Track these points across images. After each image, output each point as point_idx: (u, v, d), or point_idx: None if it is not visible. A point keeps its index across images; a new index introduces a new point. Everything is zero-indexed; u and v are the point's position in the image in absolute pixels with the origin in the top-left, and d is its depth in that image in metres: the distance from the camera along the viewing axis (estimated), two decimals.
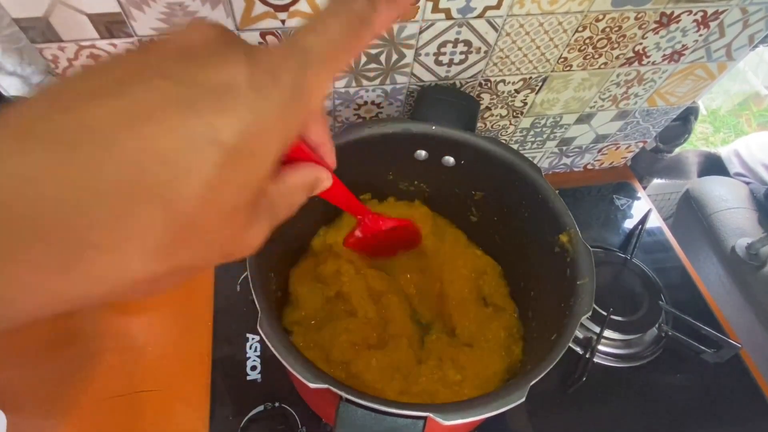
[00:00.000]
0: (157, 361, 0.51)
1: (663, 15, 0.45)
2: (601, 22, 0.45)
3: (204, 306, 0.55)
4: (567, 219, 0.40)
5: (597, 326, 0.54)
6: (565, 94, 0.54)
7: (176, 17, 0.37)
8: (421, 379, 0.41)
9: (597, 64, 0.50)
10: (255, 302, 0.33)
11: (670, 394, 0.53)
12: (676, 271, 0.63)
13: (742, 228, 0.79)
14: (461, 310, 0.46)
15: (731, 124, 1.71)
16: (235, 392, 0.49)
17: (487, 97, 0.52)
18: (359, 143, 0.43)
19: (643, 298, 0.57)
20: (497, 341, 0.45)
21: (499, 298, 0.49)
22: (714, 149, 0.98)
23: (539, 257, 0.44)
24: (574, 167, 0.71)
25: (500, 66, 0.48)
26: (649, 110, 0.60)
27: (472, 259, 0.50)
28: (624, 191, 0.70)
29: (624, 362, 0.54)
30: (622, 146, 0.67)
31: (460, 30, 0.43)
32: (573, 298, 0.37)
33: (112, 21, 0.37)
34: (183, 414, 0.48)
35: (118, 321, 0.54)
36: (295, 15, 0.39)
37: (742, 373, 0.55)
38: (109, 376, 0.50)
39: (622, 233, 0.66)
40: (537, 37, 0.45)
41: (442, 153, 0.46)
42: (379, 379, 0.41)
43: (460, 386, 0.41)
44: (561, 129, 0.60)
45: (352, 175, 0.48)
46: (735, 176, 0.90)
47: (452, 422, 0.29)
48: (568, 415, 0.51)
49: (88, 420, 0.48)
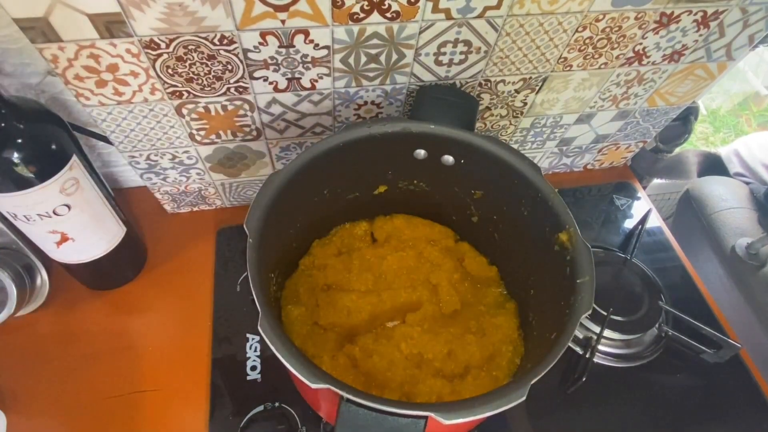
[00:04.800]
0: (157, 361, 0.51)
1: (663, 15, 0.45)
2: (601, 22, 0.45)
3: (204, 306, 0.55)
4: (566, 218, 0.40)
5: (597, 326, 0.54)
6: (565, 94, 0.54)
7: (176, 17, 0.37)
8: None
9: (597, 64, 0.50)
10: (255, 302, 0.33)
11: (669, 394, 0.53)
12: (676, 271, 0.63)
13: (742, 228, 0.79)
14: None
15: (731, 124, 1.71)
16: (235, 392, 0.49)
17: (487, 97, 0.52)
18: (359, 142, 0.43)
19: (643, 298, 0.57)
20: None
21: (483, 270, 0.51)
22: (714, 149, 0.98)
23: (539, 256, 0.44)
24: (574, 167, 0.71)
25: (500, 66, 0.48)
26: (649, 110, 0.60)
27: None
28: (624, 191, 0.70)
29: (624, 362, 0.54)
30: (622, 146, 0.67)
31: (460, 30, 0.43)
32: (573, 296, 0.37)
33: (112, 21, 0.37)
34: (183, 414, 0.48)
35: (117, 321, 0.54)
36: (296, 15, 0.39)
37: (741, 373, 0.55)
38: (108, 375, 0.50)
39: (622, 233, 0.66)
40: (537, 37, 0.45)
41: (441, 152, 0.46)
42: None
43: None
44: (561, 129, 0.60)
45: (351, 174, 0.48)
46: (735, 176, 0.90)
47: (453, 421, 0.29)
48: (567, 415, 0.51)
49: (88, 419, 0.48)
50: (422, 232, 0.54)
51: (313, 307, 0.47)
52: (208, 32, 0.39)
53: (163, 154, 0.52)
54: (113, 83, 0.42)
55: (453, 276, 0.50)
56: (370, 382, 0.43)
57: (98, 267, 0.51)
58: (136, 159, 0.52)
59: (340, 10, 0.39)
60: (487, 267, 0.52)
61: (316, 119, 0.51)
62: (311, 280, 0.49)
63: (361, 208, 0.53)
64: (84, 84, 0.41)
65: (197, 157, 0.53)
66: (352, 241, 0.53)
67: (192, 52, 0.40)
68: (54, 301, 0.54)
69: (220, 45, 0.40)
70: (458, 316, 0.49)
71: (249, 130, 0.50)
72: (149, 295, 0.56)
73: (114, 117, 0.46)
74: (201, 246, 0.60)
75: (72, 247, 0.47)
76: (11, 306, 0.48)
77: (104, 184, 0.48)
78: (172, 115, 0.47)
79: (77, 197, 0.44)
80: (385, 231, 0.54)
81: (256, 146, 0.53)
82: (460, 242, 0.54)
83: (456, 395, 0.42)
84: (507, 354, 0.45)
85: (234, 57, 0.41)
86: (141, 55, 0.40)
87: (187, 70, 0.42)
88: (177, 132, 0.49)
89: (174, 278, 0.57)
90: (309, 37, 0.41)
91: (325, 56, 0.43)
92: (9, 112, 0.38)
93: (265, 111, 0.48)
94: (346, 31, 0.41)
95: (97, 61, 0.39)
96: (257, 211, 0.38)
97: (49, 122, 0.41)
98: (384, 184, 0.51)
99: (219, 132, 0.50)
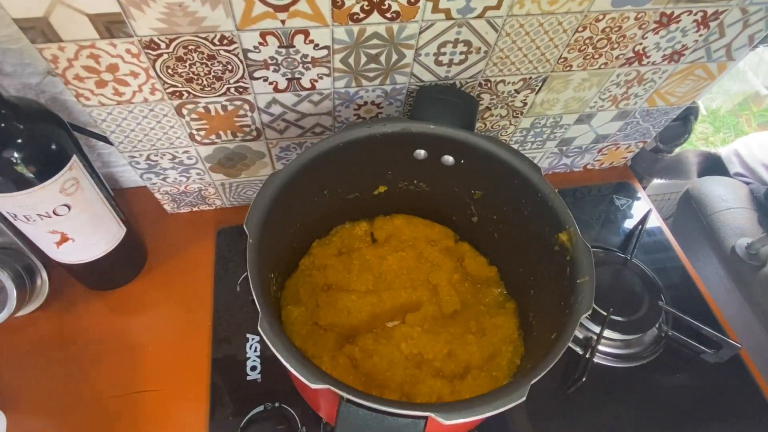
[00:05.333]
0: (158, 361, 0.51)
1: (663, 15, 0.45)
2: (601, 22, 0.45)
3: (204, 306, 0.55)
4: (566, 218, 0.40)
5: (597, 326, 0.54)
6: (565, 94, 0.54)
7: (176, 17, 0.37)
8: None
9: (597, 64, 0.50)
10: (255, 302, 0.33)
11: (669, 394, 0.53)
12: (676, 272, 0.63)
13: (742, 228, 0.79)
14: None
15: (731, 124, 1.71)
16: (234, 392, 0.49)
17: (487, 97, 0.52)
18: (359, 143, 0.43)
19: (643, 299, 0.57)
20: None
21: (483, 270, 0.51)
22: (714, 149, 0.98)
23: (539, 256, 0.44)
24: (574, 167, 0.71)
25: (500, 66, 0.48)
26: (649, 110, 0.60)
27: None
28: (624, 191, 0.70)
29: (624, 362, 0.54)
30: (622, 146, 0.67)
31: (460, 30, 0.43)
32: (573, 296, 0.37)
33: (112, 21, 0.37)
34: (183, 413, 0.48)
35: (117, 321, 0.54)
36: (296, 15, 0.39)
37: (741, 373, 0.55)
38: (108, 375, 0.50)
39: (622, 233, 0.66)
40: (537, 37, 0.45)
41: (441, 152, 0.46)
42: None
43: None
44: (561, 129, 0.60)
45: (351, 174, 0.48)
46: (735, 176, 0.90)
47: (453, 422, 0.29)
48: (568, 415, 0.51)
49: (88, 419, 0.48)
50: (422, 232, 0.54)
51: (313, 307, 0.47)
52: (208, 32, 0.39)
53: (163, 154, 0.52)
54: (113, 83, 0.42)
55: (453, 276, 0.50)
56: (370, 383, 0.43)
57: (98, 267, 0.51)
58: (136, 159, 0.52)
59: (340, 10, 0.39)
60: (487, 267, 0.52)
61: (316, 119, 0.51)
62: (311, 280, 0.49)
63: (361, 208, 0.53)
64: (84, 84, 0.41)
65: (197, 157, 0.53)
66: (352, 241, 0.53)
67: (192, 52, 0.40)
68: (54, 301, 0.54)
69: (220, 45, 0.40)
70: (458, 316, 0.49)
71: (249, 130, 0.50)
72: (149, 295, 0.56)
73: (114, 117, 0.46)
74: (201, 246, 0.60)
75: (72, 247, 0.47)
76: (11, 306, 0.48)
77: (104, 185, 0.48)
78: (172, 116, 0.47)
79: (77, 197, 0.44)
80: (385, 231, 0.54)
81: (256, 146, 0.53)
82: (460, 242, 0.54)
83: (456, 395, 0.42)
84: (507, 354, 0.45)
85: (234, 57, 0.41)
86: (141, 55, 0.40)
87: (187, 70, 0.42)
88: (177, 132, 0.49)
89: (174, 278, 0.57)
90: (309, 38, 0.41)
91: (325, 56, 0.43)
92: (9, 113, 0.38)
93: (265, 111, 0.48)
94: (346, 32, 0.41)
95: (97, 61, 0.39)
96: (257, 211, 0.38)
97: (49, 122, 0.41)
98: (384, 184, 0.51)
99: (219, 132, 0.50)
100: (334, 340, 0.46)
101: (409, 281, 0.50)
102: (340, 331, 0.47)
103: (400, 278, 0.50)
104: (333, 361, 0.44)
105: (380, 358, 0.44)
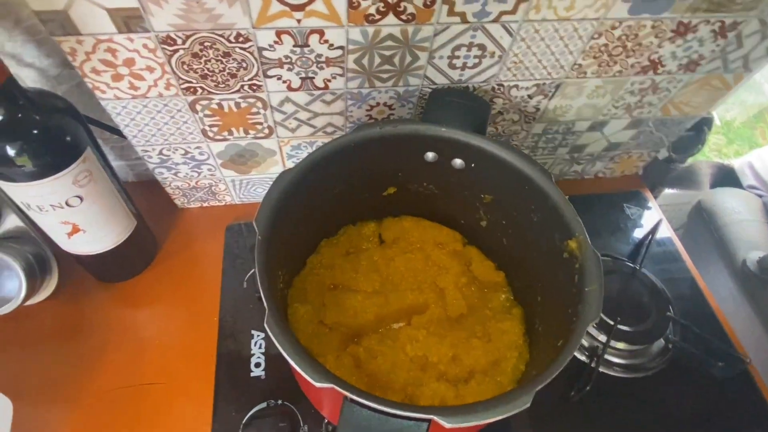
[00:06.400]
0: (163, 355, 0.52)
1: (680, 24, 0.45)
2: (617, 30, 0.44)
3: (210, 302, 0.55)
4: (576, 225, 0.40)
5: (603, 335, 0.54)
6: (579, 100, 0.53)
7: (194, 13, 0.37)
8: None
9: (611, 71, 0.50)
10: (262, 300, 0.33)
11: (675, 406, 0.52)
12: (686, 283, 0.62)
13: (754, 241, 0.78)
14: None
15: (745, 135, 1.69)
16: (238, 388, 0.50)
17: (499, 101, 0.52)
18: (370, 143, 0.44)
19: (651, 309, 0.56)
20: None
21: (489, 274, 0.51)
22: (726, 160, 0.97)
23: (547, 262, 0.43)
24: (585, 175, 0.71)
25: (514, 71, 0.48)
26: (662, 119, 0.59)
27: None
28: (635, 200, 0.69)
29: (630, 373, 0.54)
30: (634, 155, 0.67)
31: (475, 34, 0.43)
32: (580, 304, 0.36)
33: (130, 16, 0.37)
34: (187, 408, 0.49)
35: (125, 314, 0.55)
36: (312, 15, 0.39)
37: (749, 388, 0.54)
38: (115, 367, 0.51)
39: (632, 243, 0.65)
40: (552, 43, 0.45)
41: (451, 155, 0.46)
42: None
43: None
44: (573, 136, 0.60)
45: (361, 174, 0.48)
46: (748, 189, 0.89)
47: (456, 425, 0.29)
48: (571, 424, 0.51)
49: (93, 410, 0.48)
50: (430, 234, 0.54)
51: (319, 306, 0.47)
52: (224, 29, 0.39)
53: (176, 149, 0.52)
54: (129, 77, 0.42)
55: (460, 280, 0.50)
56: (373, 383, 0.43)
57: (108, 259, 0.52)
58: (149, 153, 0.52)
59: (356, 11, 0.39)
60: (494, 272, 0.52)
61: (328, 119, 0.51)
62: (318, 279, 0.49)
63: (370, 208, 0.53)
64: (100, 77, 0.42)
65: (209, 153, 0.54)
66: (360, 241, 0.53)
67: (208, 48, 0.41)
68: (63, 292, 0.55)
69: (235, 42, 0.40)
70: (464, 320, 0.48)
71: (261, 127, 0.51)
72: (157, 288, 0.56)
73: (129, 111, 0.46)
74: (210, 241, 0.60)
75: (83, 238, 0.48)
76: (21, 295, 0.49)
77: (116, 177, 0.49)
78: (186, 111, 0.47)
79: (90, 189, 0.44)
80: (393, 232, 0.54)
81: (268, 144, 0.54)
82: (467, 246, 0.54)
83: (459, 399, 0.42)
84: (512, 360, 0.45)
85: (249, 55, 0.42)
86: (157, 50, 0.40)
87: (202, 66, 0.42)
88: (190, 128, 0.49)
89: (182, 273, 0.58)
90: (324, 37, 0.41)
91: (339, 56, 0.43)
92: (26, 104, 0.39)
93: (278, 109, 0.48)
94: (361, 32, 0.41)
95: (114, 55, 0.40)
96: (267, 209, 0.38)
97: (64, 114, 0.42)
98: (393, 185, 0.51)
99: (231, 129, 0.50)
100: (339, 339, 0.46)
101: (415, 283, 0.50)
102: (346, 331, 0.47)
103: (407, 280, 0.50)
104: (337, 360, 0.44)
105: (384, 359, 0.44)
